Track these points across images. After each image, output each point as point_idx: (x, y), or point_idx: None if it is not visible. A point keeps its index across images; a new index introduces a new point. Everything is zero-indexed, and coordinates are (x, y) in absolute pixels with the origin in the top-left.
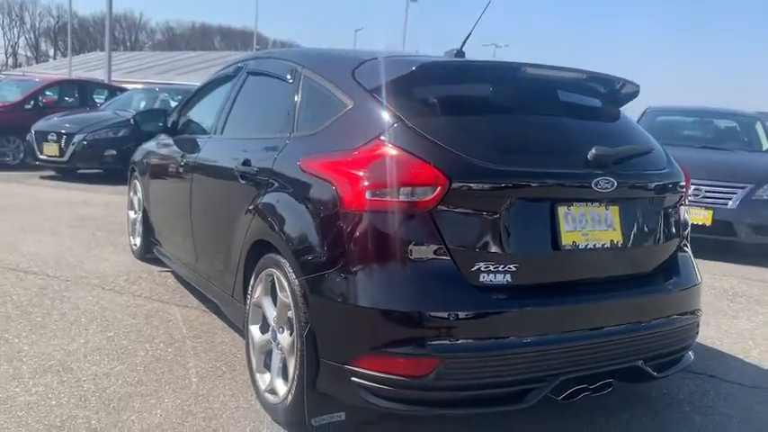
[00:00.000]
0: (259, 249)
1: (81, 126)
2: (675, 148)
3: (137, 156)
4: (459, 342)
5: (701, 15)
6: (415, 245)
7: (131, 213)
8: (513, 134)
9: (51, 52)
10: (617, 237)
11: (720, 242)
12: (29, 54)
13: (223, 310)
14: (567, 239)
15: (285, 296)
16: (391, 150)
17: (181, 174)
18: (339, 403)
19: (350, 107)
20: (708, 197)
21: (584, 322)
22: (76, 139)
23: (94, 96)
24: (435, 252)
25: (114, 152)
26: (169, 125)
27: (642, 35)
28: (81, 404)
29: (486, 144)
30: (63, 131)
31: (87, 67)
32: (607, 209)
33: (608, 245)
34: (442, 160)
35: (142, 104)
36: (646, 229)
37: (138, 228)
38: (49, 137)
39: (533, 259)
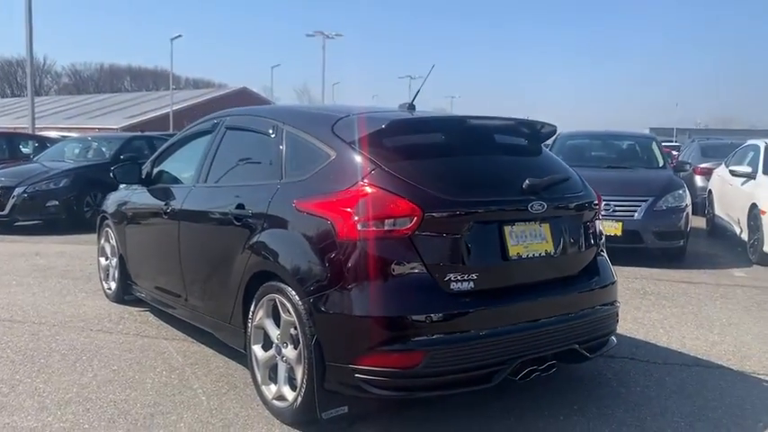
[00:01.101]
0: (259, 280)
1: (20, 179)
2: (585, 169)
3: (108, 206)
4: (440, 337)
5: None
6: (399, 263)
7: (103, 260)
8: (467, 172)
9: None
10: (549, 247)
11: (631, 249)
12: None
13: (219, 337)
14: (513, 252)
15: (289, 316)
16: (374, 190)
17: (166, 220)
18: (342, 399)
19: (333, 157)
20: (617, 211)
21: (531, 315)
22: (17, 191)
23: (21, 147)
24: (416, 268)
25: (56, 203)
26: (143, 176)
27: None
28: (111, 425)
29: (447, 181)
30: (0, 185)
31: None
32: (540, 225)
33: (543, 254)
34: (416, 196)
35: (75, 153)
36: (571, 239)
37: (113, 272)
38: None
39: (489, 269)
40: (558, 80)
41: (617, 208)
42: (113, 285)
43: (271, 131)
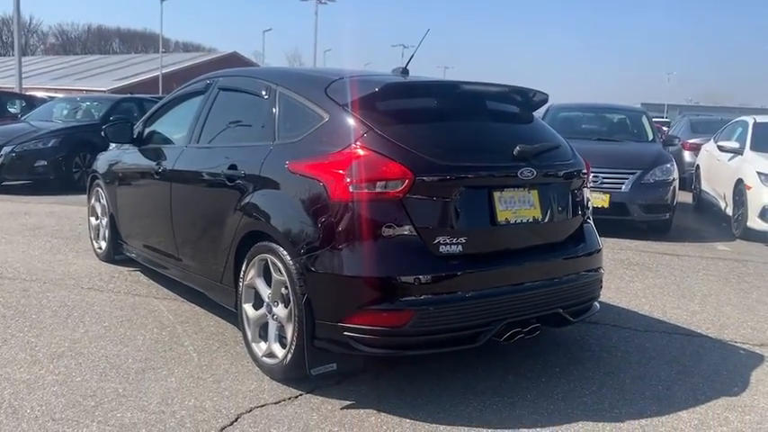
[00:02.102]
0: (250, 240)
1: (8, 138)
2: (576, 141)
3: (99, 166)
4: (428, 298)
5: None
6: (390, 225)
7: (93, 220)
8: (458, 137)
9: None
10: (537, 213)
11: (617, 221)
12: None
13: (210, 296)
14: (501, 217)
15: (280, 275)
16: (367, 153)
17: (158, 180)
18: (331, 356)
19: (326, 119)
20: (605, 183)
21: (517, 279)
22: (4, 150)
23: (8, 107)
24: (406, 230)
25: (45, 162)
26: (135, 136)
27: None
28: (103, 378)
29: (438, 145)
30: None
31: None
32: (529, 192)
33: (531, 219)
34: (408, 159)
35: (64, 113)
36: (558, 207)
37: (104, 232)
38: None
39: (477, 233)
40: (551, 53)
41: (605, 180)
42: (104, 245)
43: (264, 93)
